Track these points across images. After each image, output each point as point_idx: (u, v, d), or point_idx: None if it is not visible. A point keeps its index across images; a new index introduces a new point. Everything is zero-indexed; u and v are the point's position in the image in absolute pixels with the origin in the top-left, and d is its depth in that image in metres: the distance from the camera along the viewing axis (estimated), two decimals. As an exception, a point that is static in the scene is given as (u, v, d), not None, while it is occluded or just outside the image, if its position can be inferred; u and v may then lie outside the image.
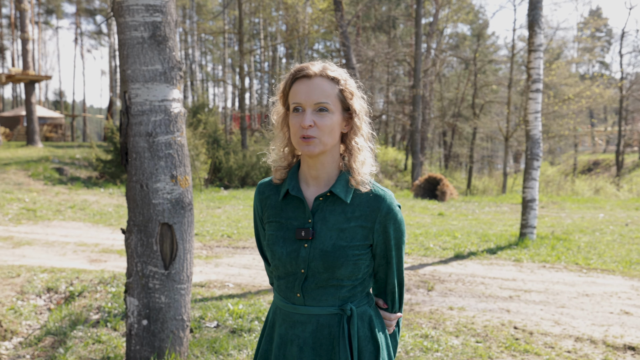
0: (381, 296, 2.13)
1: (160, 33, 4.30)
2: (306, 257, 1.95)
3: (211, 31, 36.30)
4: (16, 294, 6.20)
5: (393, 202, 1.99)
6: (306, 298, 1.98)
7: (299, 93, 1.92)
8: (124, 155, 4.41)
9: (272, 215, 2.07)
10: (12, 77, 26.05)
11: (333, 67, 1.97)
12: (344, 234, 1.95)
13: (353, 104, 1.97)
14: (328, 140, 1.92)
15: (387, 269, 2.06)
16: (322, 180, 2.01)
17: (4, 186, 13.97)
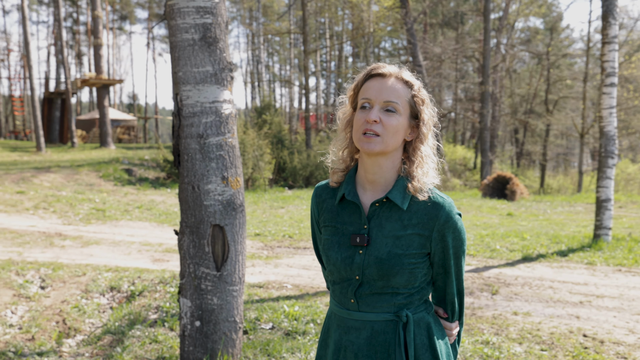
0: (441, 305, 2.08)
1: (211, 35, 4.30)
2: (361, 264, 1.91)
3: (276, 32, 36.58)
4: (81, 293, 6.36)
5: (452, 210, 1.92)
6: (360, 304, 1.94)
7: (371, 89, 1.90)
8: (177, 157, 4.43)
9: (328, 219, 2.03)
10: (87, 82, 27.02)
11: (408, 72, 1.95)
12: (399, 241, 1.90)
13: (422, 112, 1.93)
14: (390, 141, 1.88)
15: (446, 278, 2.00)
16: (379, 185, 1.95)
17: (77, 187, 14.46)
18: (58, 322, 5.57)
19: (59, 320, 5.60)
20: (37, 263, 7.48)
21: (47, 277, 6.90)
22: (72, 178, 15.55)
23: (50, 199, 12.41)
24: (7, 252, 8.17)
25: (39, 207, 11.62)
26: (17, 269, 7.16)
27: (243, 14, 56.17)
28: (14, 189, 13.34)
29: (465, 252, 2.02)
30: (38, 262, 7.52)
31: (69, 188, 14.20)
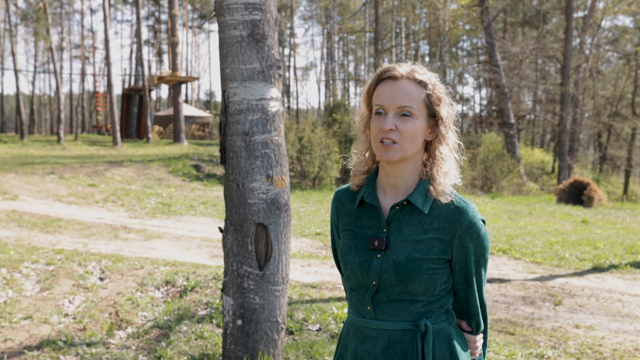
0: (464, 318, 1.98)
1: (259, 31, 4.26)
2: (378, 269, 1.84)
3: (350, 30, 36.52)
4: (137, 285, 6.47)
5: (476, 216, 1.85)
6: (377, 311, 1.87)
7: (383, 95, 1.83)
8: (223, 154, 4.42)
9: (347, 223, 1.97)
10: (163, 79, 27.76)
11: (422, 70, 1.86)
12: (419, 245, 1.83)
13: (440, 111, 1.85)
14: (409, 147, 1.81)
15: (468, 288, 1.91)
16: (400, 189, 1.89)
17: (146, 181, 14.84)
18: (111, 313, 5.68)
19: (112, 312, 5.71)
20: (99, 254, 7.68)
21: (106, 268, 7.07)
22: (142, 172, 15.98)
23: (120, 192, 12.77)
24: (73, 243, 8.43)
25: (108, 200, 11.98)
26: (80, 260, 7.37)
27: (319, 12, 56.43)
28: (87, 182, 13.82)
29: (487, 261, 1.92)
30: (101, 254, 7.72)
31: (139, 182, 14.59)
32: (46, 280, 6.68)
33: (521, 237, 10.60)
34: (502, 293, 6.80)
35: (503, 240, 9.82)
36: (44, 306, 5.85)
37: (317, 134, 18.51)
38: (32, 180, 13.54)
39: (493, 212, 13.88)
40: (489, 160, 21.49)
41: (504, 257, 8.74)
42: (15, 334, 5.17)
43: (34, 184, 13.12)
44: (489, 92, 49.92)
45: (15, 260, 7.31)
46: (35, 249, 7.92)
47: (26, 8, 49.28)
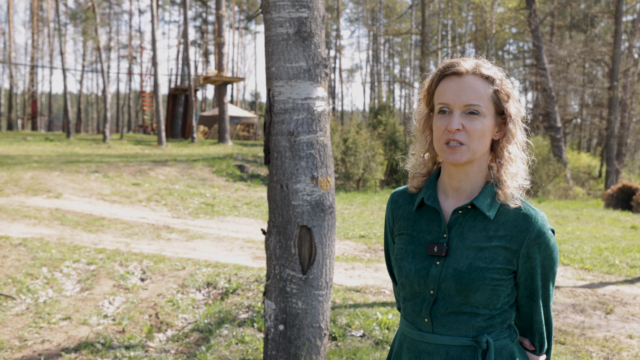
0: (527, 335, 1.81)
1: (306, 29, 4.12)
2: (437, 277, 1.70)
3: (396, 32, 36.24)
4: (177, 287, 6.41)
5: (545, 225, 1.70)
6: (435, 324, 1.72)
7: (447, 92, 1.68)
8: (267, 154, 4.30)
9: (404, 227, 1.83)
10: (208, 79, 27.94)
11: (487, 65, 1.72)
12: (482, 253, 1.68)
13: (508, 108, 1.71)
14: (477, 148, 1.67)
15: (532, 303, 1.75)
16: (463, 192, 1.75)
17: (190, 181, 14.87)
18: (151, 315, 5.61)
19: (152, 314, 5.64)
20: (141, 255, 7.66)
21: (148, 269, 7.03)
22: (186, 172, 16.03)
23: (163, 191, 12.81)
24: (115, 243, 8.43)
25: (152, 200, 12.01)
26: (121, 260, 7.35)
27: (365, 14, 56.31)
28: (131, 181, 13.90)
29: (556, 274, 1.75)
30: (142, 254, 7.70)
31: (182, 182, 14.63)
32: (87, 280, 6.67)
33: (569, 242, 10.27)
34: (552, 302, 6.53)
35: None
36: (83, 307, 5.82)
37: (362, 136, 18.39)
38: (76, 179, 13.69)
39: (540, 217, 13.48)
40: (534, 164, 20.95)
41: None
42: (54, 335, 5.14)
43: (78, 183, 13.26)
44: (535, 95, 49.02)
45: (56, 259, 7.33)
46: (77, 248, 7.94)
47: (75, 8, 50.34)
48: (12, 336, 5.16)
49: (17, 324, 5.45)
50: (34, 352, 4.82)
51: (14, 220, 9.52)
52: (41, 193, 11.88)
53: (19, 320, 5.53)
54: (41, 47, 56.92)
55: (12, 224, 9.26)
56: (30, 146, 22.87)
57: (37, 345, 4.96)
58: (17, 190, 12.07)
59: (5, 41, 58.78)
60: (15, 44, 62.30)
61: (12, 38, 53.53)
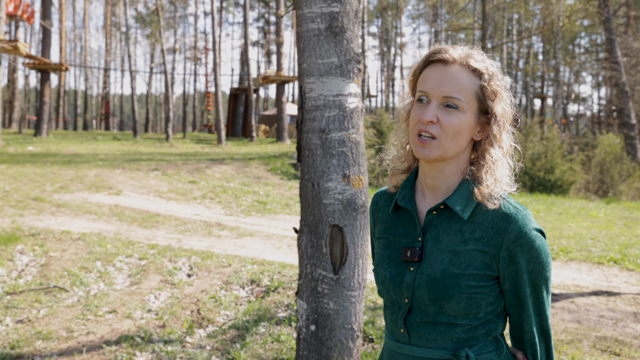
0: (520, 348, 1.65)
1: (337, 24, 4.07)
2: (410, 284, 1.57)
3: (458, 27, 35.63)
4: (222, 284, 6.46)
5: (527, 224, 1.53)
6: (411, 335, 1.59)
7: (428, 80, 1.55)
8: (299, 152, 4.27)
9: (382, 230, 1.72)
10: (267, 78, 28.20)
11: (479, 57, 1.58)
12: (457, 258, 1.54)
13: (494, 107, 1.55)
14: (450, 146, 1.53)
15: (522, 311, 1.58)
16: (440, 192, 1.61)
17: (245, 179, 15.02)
18: (193, 311, 5.67)
19: (194, 310, 5.70)
20: (190, 251, 7.77)
21: (195, 265, 7.12)
22: (241, 170, 16.20)
23: (218, 189, 12.98)
24: (168, 239, 8.59)
25: (206, 197, 12.19)
26: (171, 255, 7.48)
27: (427, 11, 55.70)
28: (188, 179, 14.15)
29: (549, 279, 1.57)
30: (192, 250, 7.81)
31: (237, 180, 14.79)
32: (136, 275, 6.81)
33: (637, 246, 9.80)
34: (609, 308, 6.24)
35: (615, 249, 9.09)
36: (129, 301, 5.94)
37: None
38: (136, 176, 14.03)
39: (607, 218, 12.98)
40: (605, 163, 20.27)
41: (615, 267, 8.07)
42: (99, 327, 5.26)
43: (137, 180, 13.59)
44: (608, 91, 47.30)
45: (110, 253, 7.52)
46: (131, 243, 8.12)
47: (144, 12, 51.74)
48: (61, 327, 5.31)
49: (66, 315, 5.61)
50: (79, 343, 4.94)
51: (76, 216, 9.82)
52: (103, 190, 12.23)
53: (68, 312, 5.69)
54: (114, 50, 58.79)
55: (75, 219, 9.56)
56: (98, 145, 23.62)
57: (82, 336, 5.09)
58: (82, 187, 12.46)
59: (82, 46, 60.99)
60: (90, 48, 64.61)
61: (87, 43, 55.51)
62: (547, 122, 31.07)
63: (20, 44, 21.10)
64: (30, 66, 27.61)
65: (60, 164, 15.63)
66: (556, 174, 17.49)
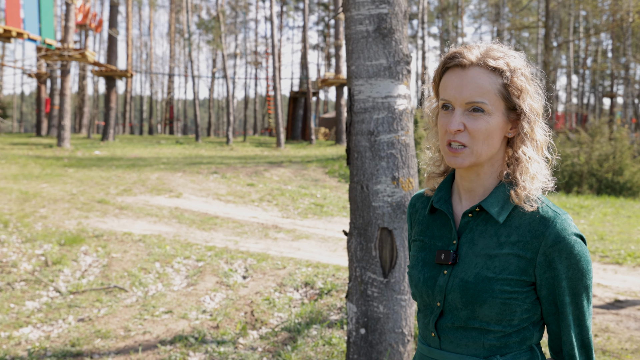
0: (558, 358, 1.59)
1: (386, 25, 4.04)
2: (443, 287, 1.55)
3: (520, 25, 34.85)
4: (276, 286, 6.51)
5: (566, 229, 1.47)
6: (442, 340, 1.56)
7: (449, 87, 1.51)
8: (348, 154, 4.26)
9: (418, 232, 1.70)
10: (326, 81, 28.28)
11: (497, 53, 1.51)
12: (492, 262, 1.50)
13: (521, 103, 1.50)
14: (482, 150, 1.49)
15: (560, 320, 1.52)
16: (476, 194, 1.58)
17: (302, 182, 15.10)
18: (246, 312, 5.73)
19: (248, 311, 5.76)
20: (247, 253, 7.86)
21: (250, 267, 7.20)
22: (299, 173, 16.29)
23: (275, 192, 13.09)
24: (225, 241, 8.71)
25: (264, 200, 12.31)
26: (227, 257, 7.58)
27: (490, 10, 54.81)
28: (246, 182, 14.32)
29: (589, 288, 1.50)
30: (248, 252, 7.89)
31: (295, 183, 14.88)
32: (193, 276, 6.93)
33: None
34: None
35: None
36: (185, 301, 6.05)
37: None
38: (196, 179, 14.30)
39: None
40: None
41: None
42: (155, 327, 5.37)
43: (197, 183, 13.84)
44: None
45: (169, 255, 7.68)
46: (189, 245, 8.27)
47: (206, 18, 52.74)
48: (119, 326, 5.46)
49: (125, 314, 5.76)
50: (135, 343, 5.07)
51: (138, 218, 10.08)
52: (164, 193, 12.52)
53: (127, 312, 5.84)
54: (177, 56, 60.15)
55: (136, 221, 9.81)
56: (161, 149, 24.20)
57: (138, 336, 5.22)
58: (144, 190, 12.79)
59: (147, 53, 62.69)
60: (155, 54, 66.29)
61: (152, 50, 57.02)
62: (617, 121, 30.06)
63: (87, 52, 21.84)
64: (97, 73, 28.52)
65: (124, 168, 16.10)
66: (625, 176, 16.86)
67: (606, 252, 8.54)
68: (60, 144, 22.33)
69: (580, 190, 16.56)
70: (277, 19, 53.01)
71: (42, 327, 5.50)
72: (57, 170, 15.10)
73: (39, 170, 15.15)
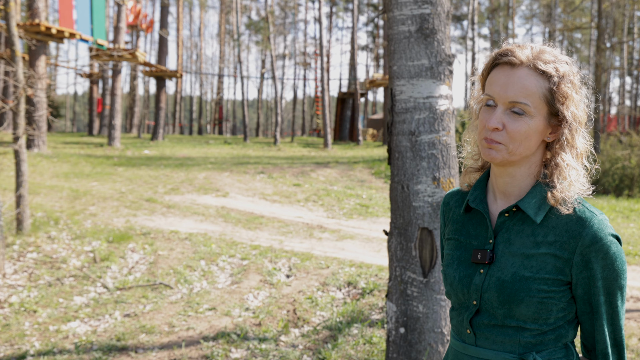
0: (591, 358, 1.61)
1: (428, 26, 4.04)
2: (479, 286, 1.56)
3: (572, 26, 34.12)
4: (319, 285, 6.55)
5: (603, 230, 1.48)
6: (478, 337, 1.58)
7: (495, 84, 1.52)
8: (389, 154, 4.27)
9: (453, 231, 1.72)
10: (374, 82, 28.26)
11: (548, 57, 1.51)
12: (529, 261, 1.51)
13: (564, 110, 1.50)
14: (517, 150, 1.50)
15: (594, 320, 1.54)
16: (512, 195, 1.59)
17: (349, 182, 15.11)
18: (289, 311, 5.79)
19: (290, 310, 5.82)
20: (291, 252, 7.92)
21: (294, 266, 7.26)
22: (345, 174, 16.32)
23: (321, 192, 13.14)
24: (270, 240, 8.80)
25: (309, 200, 12.38)
26: (271, 256, 7.66)
27: (542, 10, 53.85)
28: (292, 182, 14.42)
29: (624, 288, 1.51)
30: (292, 252, 7.96)
31: (341, 183, 14.91)
32: (237, 274, 7.03)
33: None
34: None
35: None
36: (229, 299, 6.15)
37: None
38: (243, 179, 14.47)
39: None
40: None
41: None
42: (198, 323, 5.48)
43: (244, 183, 14.01)
44: None
45: (215, 253, 7.81)
46: (234, 243, 8.39)
47: (256, 19, 53.28)
48: (163, 322, 5.59)
49: (169, 311, 5.89)
50: (179, 338, 5.18)
51: (184, 217, 10.27)
52: (211, 192, 12.71)
53: (171, 308, 5.97)
54: (227, 57, 60.91)
55: (183, 220, 10.00)
56: (210, 149, 24.55)
57: (182, 332, 5.33)
58: (191, 189, 13.01)
59: (197, 53, 63.65)
60: (205, 55, 67.30)
61: (202, 50, 57.89)
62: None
63: (138, 53, 22.32)
64: (147, 74, 29.12)
65: (172, 167, 16.40)
66: (677, 180, 16.37)
67: (658, 257, 8.33)
68: (111, 143, 22.88)
69: (631, 193, 16.15)
70: (326, 19, 53.18)
71: (89, 322, 5.67)
72: (107, 169, 15.49)
73: (89, 168, 15.56)
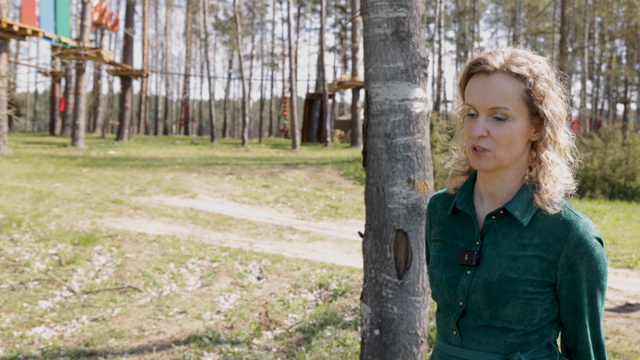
0: (571, 358, 1.65)
1: (404, 29, 4.05)
2: (466, 287, 1.59)
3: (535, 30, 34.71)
4: (290, 287, 6.53)
5: (588, 232, 1.52)
6: (464, 338, 1.61)
7: (473, 93, 1.55)
8: (365, 156, 4.27)
9: (439, 233, 1.74)
10: (342, 84, 28.33)
11: (521, 59, 1.55)
12: (515, 263, 1.54)
13: (543, 109, 1.53)
14: (505, 155, 1.53)
15: (577, 321, 1.58)
16: (498, 197, 1.62)
17: (318, 184, 15.12)
18: (261, 313, 5.76)
19: (262, 312, 5.78)
20: (261, 254, 7.88)
21: (265, 268, 7.22)
22: (314, 175, 16.32)
23: (291, 194, 13.12)
24: (240, 242, 8.75)
25: (279, 201, 12.34)
26: (242, 258, 7.61)
27: (506, 15, 54.68)
28: (261, 183, 14.37)
29: (604, 289, 1.56)
30: (263, 253, 7.92)
31: (310, 184, 14.91)
32: (208, 277, 6.97)
33: None
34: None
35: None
36: (200, 302, 6.08)
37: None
38: (211, 180, 14.37)
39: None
40: None
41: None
42: (169, 327, 5.41)
43: (212, 184, 13.91)
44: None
45: (184, 255, 7.72)
46: (204, 245, 8.31)
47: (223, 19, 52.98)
48: (133, 326, 5.50)
49: (139, 314, 5.80)
50: (149, 342, 5.11)
51: (152, 218, 10.14)
52: (179, 193, 12.58)
53: (141, 312, 5.88)
54: (194, 57, 60.45)
55: (151, 222, 9.87)
56: (177, 149, 24.33)
57: (152, 336, 5.26)
58: (159, 190, 12.86)
59: (163, 53, 63.03)
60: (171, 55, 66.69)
61: (168, 50, 57.35)
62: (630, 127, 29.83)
63: (103, 51, 22.00)
64: (112, 73, 28.73)
65: (139, 168, 16.20)
66: (638, 181, 16.79)
67: (618, 257, 8.51)
68: (75, 143, 22.50)
69: (593, 194, 16.51)
70: (294, 20, 53.09)
71: (55, 327, 5.55)
72: (71, 170, 15.22)
73: (52, 169, 15.28)
